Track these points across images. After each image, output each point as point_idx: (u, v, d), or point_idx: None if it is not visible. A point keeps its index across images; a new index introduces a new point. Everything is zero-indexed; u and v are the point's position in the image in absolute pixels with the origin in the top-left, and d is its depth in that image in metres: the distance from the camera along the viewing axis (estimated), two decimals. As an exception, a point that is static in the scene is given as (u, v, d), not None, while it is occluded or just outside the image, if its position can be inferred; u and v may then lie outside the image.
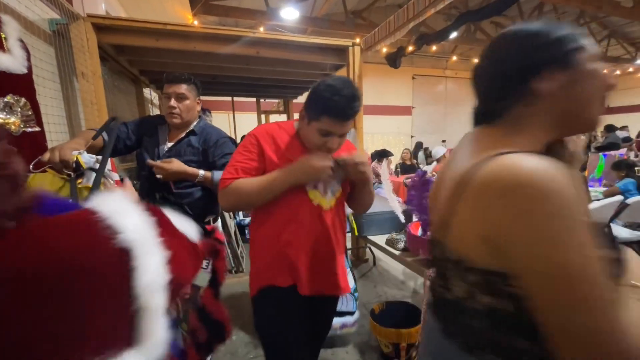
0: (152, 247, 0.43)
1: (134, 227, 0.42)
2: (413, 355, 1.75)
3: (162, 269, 0.43)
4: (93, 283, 0.38)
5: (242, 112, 6.25)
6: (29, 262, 0.35)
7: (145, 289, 0.41)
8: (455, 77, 10.94)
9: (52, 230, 0.39)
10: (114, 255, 0.40)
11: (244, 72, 3.13)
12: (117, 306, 0.40)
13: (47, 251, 0.37)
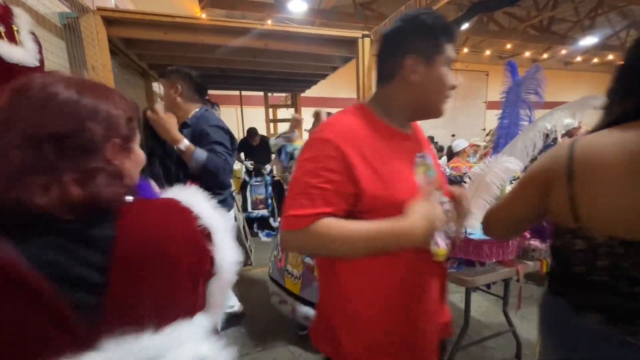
0: (224, 230, 0.52)
1: (208, 213, 0.51)
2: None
3: (233, 248, 0.53)
4: (188, 258, 0.47)
5: (250, 106, 6.24)
6: (149, 241, 0.44)
7: (223, 265, 0.51)
8: (465, 70, 10.70)
9: (156, 212, 0.48)
10: (202, 235, 0.49)
11: (251, 65, 3.11)
12: (201, 277, 0.49)
13: (163, 231, 0.46)
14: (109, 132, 0.45)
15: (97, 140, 0.43)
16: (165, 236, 0.45)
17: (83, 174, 0.41)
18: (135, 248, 0.42)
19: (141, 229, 0.44)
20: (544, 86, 1.34)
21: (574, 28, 8.21)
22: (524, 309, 2.12)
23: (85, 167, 0.42)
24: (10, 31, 1.16)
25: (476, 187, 1.19)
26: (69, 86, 0.43)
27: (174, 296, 0.45)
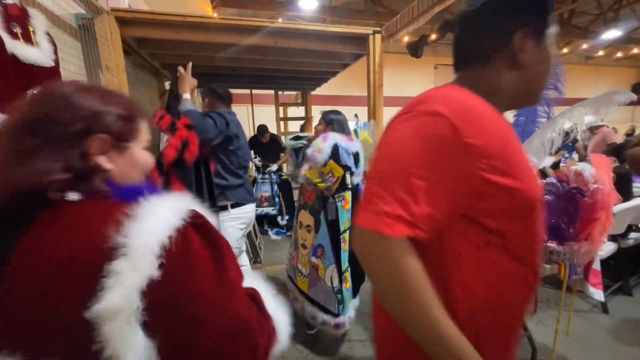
0: (145, 252, 0.38)
1: (142, 234, 0.39)
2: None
3: (134, 293, 0.37)
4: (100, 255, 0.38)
5: (261, 105, 6.27)
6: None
7: (123, 258, 0.38)
8: (480, 66, 10.45)
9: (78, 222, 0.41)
10: (96, 253, 0.38)
11: (262, 63, 3.12)
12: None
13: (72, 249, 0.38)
14: (88, 126, 0.44)
15: (73, 131, 0.43)
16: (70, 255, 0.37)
17: (65, 153, 0.42)
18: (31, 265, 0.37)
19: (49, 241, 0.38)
20: (564, 81, 1.28)
21: (596, 21, 7.87)
22: (539, 313, 2.06)
23: (72, 144, 0.43)
24: (26, 32, 1.19)
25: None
26: (69, 85, 0.47)
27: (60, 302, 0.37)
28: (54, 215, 0.40)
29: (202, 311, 0.43)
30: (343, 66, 3.51)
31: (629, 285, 2.43)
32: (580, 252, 1.28)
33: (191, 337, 0.42)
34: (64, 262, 0.37)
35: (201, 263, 0.44)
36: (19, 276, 0.38)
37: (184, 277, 0.42)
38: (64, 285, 0.37)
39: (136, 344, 0.38)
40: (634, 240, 2.33)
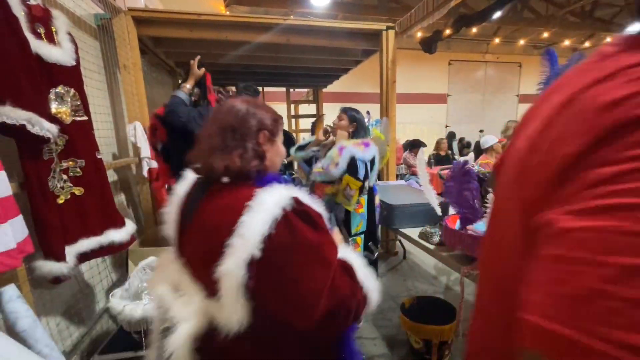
0: (245, 239, 0.56)
1: (249, 217, 0.57)
2: (445, 353, 1.68)
3: (240, 257, 0.55)
4: (224, 235, 0.57)
5: (273, 102, 6.29)
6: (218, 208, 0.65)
7: (223, 264, 0.56)
8: (496, 61, 10.15)
9: (228, 199, 0.64)
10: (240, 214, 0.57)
11: (274, 61, 3.13)
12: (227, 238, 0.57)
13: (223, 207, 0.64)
14: (260, 127, 0.70)
15: (253, 130, 0.69)
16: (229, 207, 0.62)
17: (237, 150, 0.66)
18: (205, 207, 0.67)
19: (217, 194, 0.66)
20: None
21: (620, 13, 7.52)
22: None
23: (244, 145, 0.67)
24: (49, 32, 1.23)
25: (508, 185, 1.12)
26: (242, 103, 0.72)
27: (211, 262, 0.58)
28: (218, 188, 0.66)
29: (300, 276, 0.57)
30: (355, 63, 3.48)
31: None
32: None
33: (288, 299, 0.57)
34: (222, 212, 0.62)
35: (301, 237, 0.57)
36: (201, 217, 0.65)
37: (283, 252, 0.57)
38: (220, 233, 0.58)
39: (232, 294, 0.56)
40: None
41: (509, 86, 10.58)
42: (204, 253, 0.63)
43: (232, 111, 0.70)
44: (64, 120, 1.25)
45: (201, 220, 0.65)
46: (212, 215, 0.64)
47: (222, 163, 0.63)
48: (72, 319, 1.50)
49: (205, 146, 0.68)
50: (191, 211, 0.68)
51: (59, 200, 1.23)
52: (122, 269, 2.00)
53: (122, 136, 2.17)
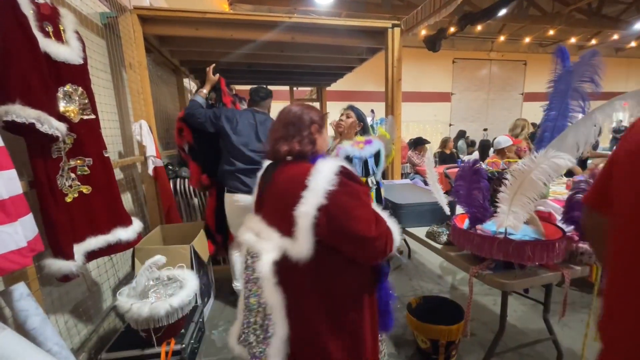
0: (315, 192, 0.81)
1: (314, 179, 0.82)
2: (452, 353, 1.67)
3: (311, 205, 0.81)
4: (295, 194, 0.83)
5: (276, 101, 6.28)
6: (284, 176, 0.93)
7: (299, 211, 0.82)
8: (501, 59, 10.07)
9: (296, 170, 0.91)
10: (304, 187, 0.83)
11: (278, 59, 3.12)
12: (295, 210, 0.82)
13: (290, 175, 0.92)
14: (311, 121, 0.98)
15: (305, 125, 0.96)
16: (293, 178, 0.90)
17: (296, 139, 0.94)
18: (277, 179, 0.95)
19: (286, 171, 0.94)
20: (602, 73, 1.20)
21: (628, 10, 7.42)
22: (565, 316, 1.97)
23: (301, 135, 0.95)
24: (57, 31, 1.23)
25: (519, 185, 1.10)
26: (297, 106, 1.01)
27: (286, 213, 0.84)
28: (285, 165, 0.94)
29: (349, 217, 0.81)
30: (360, 61, 3.46)
31: (663, 290, 2.30)
32: (614, 254, 1.21)
33: (343, 233, 0.82)
34: (291, 179, 0.89)
35: (347, 192, 0.83)
36: (274, 184, 0.93)
37: (339, 201, 0.81)
38: (293, 192, 0.83)
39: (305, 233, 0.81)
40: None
41: (514, 84, 10.49)
42: (280, 208, 0.89)
43: (290, 112, 0.98)
44: (72, 119, 1.25)
45: (275, 187, 0.93)
46: (284, 182, 0.91)
47: (285, 147, 0.93)
48: (80, 317, 1.51)
49: (273, 138, 0.97)
50: (266, 183, 0.97)
51: (67, 199, 1.23)
52: (129, 267, 2.01)
53: (128, 134, 2.18)
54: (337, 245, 0.84)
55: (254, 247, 0.90)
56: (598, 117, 1.10)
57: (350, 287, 0.90)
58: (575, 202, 1.28)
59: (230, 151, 2.09)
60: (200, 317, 1.88)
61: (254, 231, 0.94)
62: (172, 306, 1.45)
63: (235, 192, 2.07)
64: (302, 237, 0.81)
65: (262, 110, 2.24)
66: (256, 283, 0.89)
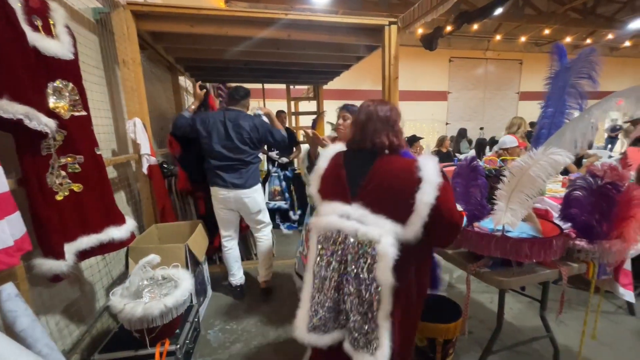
0: (432, 185, 0.94)
1: (427, 173, 0.95)
2: (450, 352, 1.66)
3: (432, 196, 0.93)
4: (407, 185, 0.96)
5: (273, 100, 6.25)
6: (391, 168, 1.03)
7: (420, 200, 0.94)
8: (497, 58, 10.11)
9: (401, 162, 1.02)
10: (416, 179, 0.95)
11: (274, 57, 3.09)
12: (409, 200, 0.95)
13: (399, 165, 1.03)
14: (397, 118, 1.10)
15: (394, 120, 1.08)
16: (394, 169, 1.02)
17: (390, 133, 1.06)
18: (380, 169, 1.03)
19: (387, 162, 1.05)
20: (599, 70, 1.19)
21: (622, 10, 7.47)
22: (562, 314, 1.98)
23: (393, 129, 1.07)
24: (47, 25, 1.20)
25: (517, 181, 1.10)
26: (380, 103, 1.12)
27: (395, 202, 0.98)
28: (384, 157, 1.04)
29: (452, 210, 0.99)
30: (357, 59, 3.44)
31: (657, 287, 2.31)
32: (611, 251, 1.21)
33: (446, 221, 0.98)
34: (399, 171, 1.00)
35: (448, 189, 0.99)
36: (376, 176, 1.01)
37: (446, 196, 0.97)
38: (403, 184, 0.97)
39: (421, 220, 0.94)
40: (664, 240, 2.22)
41: (510, 83, 10.54)
42: (389, 197, 0.99)
43: (379, 107, 1.08)
44: (62, 115, 1.22)
45: (380, 177, 1.01)
46: (392, 174, 1.00)
47: (385, 140, 1.04)
48: (71, 318, 1.48)
49: (370, 129, 1.06)
50: (364, 172, 1.03)
51: (57, 197, 1.21)
52: (123, 266, 1.98)
53: (122, 132, 2.14)
54: (434, 229, 0.97)
55: (364, 232, 0.97)
56: (595, 113, 1.10)
57: (427, 261, 1.13)
58: (573, 199, 1.27)
59: (206, 150, 2.24)
60: (195, 317, 1.86)
61: (354, 218, 1.00)
62: (166, 306, 1.42)
63: (214, 186, 2.27)
64: (417, 222, 0.94)
65: (238, 108, 2.31)
66: (367, 264, 0.96)
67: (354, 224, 0.98)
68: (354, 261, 0.97)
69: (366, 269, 0.95)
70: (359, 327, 0.98)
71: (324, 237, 1.03)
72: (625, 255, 1.48)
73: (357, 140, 1.08)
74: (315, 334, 1.03)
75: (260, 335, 2.00)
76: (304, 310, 1.05)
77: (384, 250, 0.93)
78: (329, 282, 1.01)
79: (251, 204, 2.29)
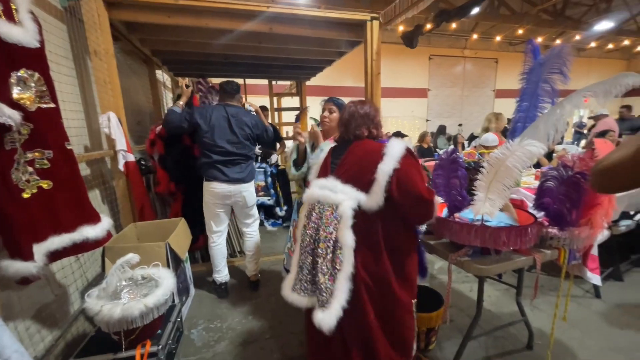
0: (392, 158, 1.08)
1: (391, 150, 1.10)
2: (432, 339, 1.72)
3: (391, 166, 1.07)
4: (373, 160, 1.12)
5: (255, 95, 6.15)
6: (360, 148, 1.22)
7: (381, 170, 1.09)
8: (474, 57, 10.42)
9: (372, 144, 1.20)
10: (381, 155, 1.11)
11: (256, 51, 3.03)
12: (373, 171, 1.10)
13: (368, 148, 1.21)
14: (375, 113, 1.26)
15: (373, 115, 1.25)
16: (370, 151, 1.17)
17: (371, 125, 1.24)
18: (353, 151, 1.20)
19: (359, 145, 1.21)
20: (570, 65, 1.26)
21: (589, 12, 7.90)
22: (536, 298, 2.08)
23: (373, 122, 1.25)
24: (8, 9, 1.11)
25: (495, 172, 1.14)
26: (363, 103, 1.28)
27: (361, 175, 1.13)
28: (359, 142, 1.22)
29: (414, 181, 1.09)
30: (339, 54, 3.44)
31: (620, 271, 2.48)
32: (580, 237, 1.28)
33: (408, 192, 1.09)
34: (369, 151, 1.16)
35: (412, 164, 1.12)
36: (351, 154, 1.19)
37: (407, 168, 1.09)
38: (369, 159, 1.12)
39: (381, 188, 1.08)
40: (626, 227, 2.37)
41: (486, 81, 10.91)
42: (357, 170, 1.14)
43: (359, 107, 1.24)
44: (28, 107, 1.13)
45: (353, 156, 1.17)
46: (362, 153, 1.16)
47: (365, 131, 1.21)
48: (44, 322, 1.40)
49: (352, 125, 1.22)
50: (341, 154, 1.21)
51: (24, 195, 1.13)
52: (99, 267, 1.89)
53: (95, 127, 2.04)
54: (400, 201, 1.08)
55: (332, 198, 1.10)
56: (567, 107, 1.15)
57: (407, 243, 1.20)
58: (545, 189, 1.34)
59: (206, 145, 2.19)
60: (178, 317, 1.81)
61: (327, 188, 1.13)
62: (147, 306, 1.37)
63: (212, 181, 2.21)
64: (377, 191, 1.06)
65: (233, 103, 2.29)
66: (331, 226, 1.08)
67: (326, 192, 1.12)
68: (324, 225, 1.10)
69: (332, 229, 1.08)
70: (324, 287, 1.06)
71: (310, 207, 1.17)
72: (593, 241, 1.57)
73: (343, 135, 1.25)
74: (297, 295, 1.13)
75: (246, 333, 1.98)
76: (292, 273, 1.18)
77: (343, 211, 1.07)
78: (307, 247, 1.13)
79: (249, 197, 2.33)
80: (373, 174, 1.07)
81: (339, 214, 1.07)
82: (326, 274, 1.07)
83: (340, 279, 1.05)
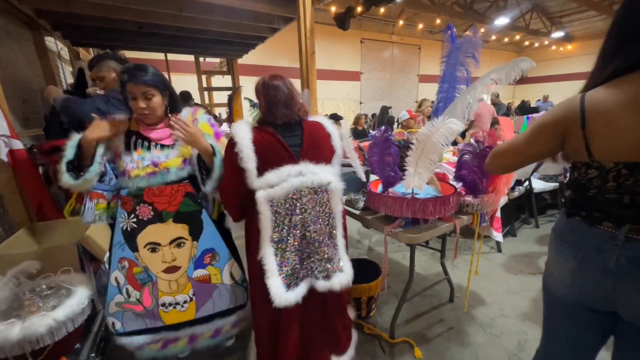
0: (335, 135, 1.27)
1: (331, 130, 1.28)
2: (373, 307, 1.86)
3: (340, 142, 1.28)
4: (327, 139, 1.27)
5: (180, 73, 5.55)
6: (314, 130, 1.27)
7: (336, 147, 1.28)
8: (401, 42, 11.09)
9: (313, 123, 1.28)
10: (327, 134, 1.27)
11: (176, 20, 2.69)
12: (330, 148, 1.27)
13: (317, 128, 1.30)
14: (293, 92, 1.23)
15: (296, 91, 1.24)
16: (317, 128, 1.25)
17: (299, 106, 1.23)
18: (309, 132, 1.21)
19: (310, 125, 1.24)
20: (479, 50, 1.42)
21: (491, 7, 9.02)
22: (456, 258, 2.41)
23: (299, 99, 1.25)
24: None
25: (423, 148, 1.24)
26: (280, 78, 1.24)
27: (323, 154, 1.23)
28: (307, 123, 1.24)
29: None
30: (272, 31, 3.28)
31: (514, 228, 3.03)
32: (489, 203, 1.50)
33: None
34: (319, 131, 1.25)
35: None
36: (308, 138, 1.20)
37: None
38: (322, 138, 1.25)
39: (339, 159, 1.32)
40: (518, 192, 2.89)
41: (411, 67, 11.79)
42: (319, 149, 1.20)
43: (285, 84, 1.20)
44: None
45: (312, 138, 1.20)
46: (317, 134, 1.22)
47: (303, 112, 1.23)
48: None
49: (293, 105, 1.20)
50: (300, 138, 1.20)
51: None
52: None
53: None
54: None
55: (321, 179, 1.16)
56: (478, 88, 1.30)
57: None
58: (463, 162, 1.52)
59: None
60: (102, 325, 1.59)
61: (305, 172, 1.16)
62: (56, 320, 1.16)
63: None
64: (338, 163, 1.26)
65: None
66: (324, 201, 1.18)
67: (309, 176, 1.16)
68: (315, 205, 1.16)
69: (324, 205, 1.18)
70: (328, 257, 1.18)
71: (281, 204, 1.14)
72: (497, 205, 1.86)
73: (284, 114, 1.19)
74: (292, 291, 1.15)
75: (186, 329, 1.85)
76: (274, 278, 1.15)
77: (336, 186, 1.19)
78: (292, 238, 1.16)
79: None
80: (331, 149, 1.23)
81: (332, 189, 1.18)
82: (329, 245, 1.19)
83: (338, 239, 1.22)
